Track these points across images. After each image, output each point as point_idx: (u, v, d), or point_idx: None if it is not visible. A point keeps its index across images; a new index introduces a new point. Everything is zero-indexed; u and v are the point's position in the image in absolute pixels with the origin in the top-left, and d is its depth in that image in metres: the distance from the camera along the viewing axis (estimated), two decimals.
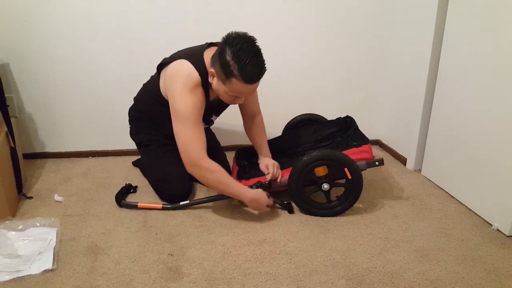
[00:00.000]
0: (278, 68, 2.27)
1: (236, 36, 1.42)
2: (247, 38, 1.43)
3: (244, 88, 1.45)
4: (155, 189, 1.84)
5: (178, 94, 1.50)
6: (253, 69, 1.41)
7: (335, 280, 1.27)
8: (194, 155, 1.50)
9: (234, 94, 1.49)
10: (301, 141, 2.04)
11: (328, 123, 2.02)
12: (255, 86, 1.48)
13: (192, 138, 1.50)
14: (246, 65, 1.39)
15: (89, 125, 2.27)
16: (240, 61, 1.39)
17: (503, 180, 1.52)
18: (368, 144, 1.66)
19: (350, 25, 2.23)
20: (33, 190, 1.88)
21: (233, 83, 1.43)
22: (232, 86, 1.45)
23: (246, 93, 1.51)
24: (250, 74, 1.41)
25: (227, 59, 1.40)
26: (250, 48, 1.41)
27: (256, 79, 1.45)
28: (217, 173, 1.51)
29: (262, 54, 1.45)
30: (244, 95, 1.53)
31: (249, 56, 1.39)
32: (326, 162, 1.57)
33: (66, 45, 2.09)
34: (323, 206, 1.65)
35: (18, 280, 1.26)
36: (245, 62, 1.39)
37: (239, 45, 1.40)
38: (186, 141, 1.51)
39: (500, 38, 1.49)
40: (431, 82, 1.93)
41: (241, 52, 1.39)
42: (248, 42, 1.42)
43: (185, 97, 1.49)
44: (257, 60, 1.42)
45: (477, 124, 1.64)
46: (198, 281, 1.26)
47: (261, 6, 2.13)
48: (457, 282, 1.26)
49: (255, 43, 1.44)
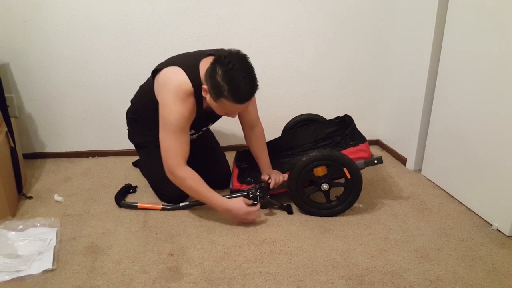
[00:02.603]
0: (278, 68, 2.27)
1: (227, 55, 1.39)
2: (239, 56, 1.40)
3: (235, 107, 1.44)
4: (155, 190, 1.84)
5: (167, 102, 1.50)
6: (243, 90, 1.39)
7: (335, 280, 1.27)
8: (170, 163, 1.52)
9: (225, 111, 1.49)
10: (301, 141, 2.04)
11: (327, 123, 2.02)
12: (247, 105, 1.46)
13: (171, 147, 1.52)
14: (236, 86, 1.37)
15: (89, 125, 2.27)
16: (230, 82, 1.37)
17: (503, 180, 1.52)
18: (366, 142, 1.66)
19: (350, 25, 2.23)
20: (33, 190, 1.88)
21: (224, 103, 1.42)
22: (223, 105, 1.43)
23: (237, 111, 1.51)
24: (240, 95, 1.39)
25: (217, 80, 1.38)
26: (241, 67, 1.39)
27: (247, 99, 1.42)
28: (189, 180, 1.53)
29: (253, 72, 1.42)
30: (235, 113, 1.53)
31: (240, 76, 1.37)
32: (325, 162, 1.57)
33: (66, 45, 2.09)
34: (323, 206, 1.65)
35: (18, 280, 1.26)
36: (235, 83, 1.37)
37: (230, 64, 1.36)
38: (166, 149, 1.52)
39: (500, 38, 1.49)
40: (431, 82, 1.93)
41: (232, 72, 1.37)
42: (239, 61, 1.39)
43: (173, 107, 1.49)
44: (248, 79, 1.39)
45: (477, 124, 1.64)
46: (198, 281, 1.26)
47: (261, 6, 2.13)
48: (457, 282, 1.26)
49: (247, 61, 1.42)
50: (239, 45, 2.16)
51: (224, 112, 1.51)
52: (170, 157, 1.52)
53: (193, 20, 2.12)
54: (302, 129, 2.04)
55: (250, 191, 1.63)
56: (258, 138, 1.83)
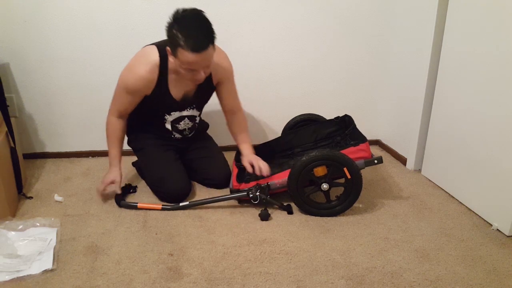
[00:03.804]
0: (278, 68, 2.27)
1: (183, 10, 1.46)
2: (194, 10, 1.47)
3: (193, 57, 1.44)
4: (154, 190, 1.84)
5: (129, 64, 1.64)
6: (198, 37, 1.42)
7: (335, 280, 1.27)
8: (110, 108, 1.73)
9: (187, 66, 1.49)
10: (301, 141, 2.04)
11: (327, 123, 2.02)
12: (205, 56, 1.47)
13: (116, 98, 1.70)
14: (190, 34, 1.42)
15: (89, 125, 2.27)
16: (184, 30, 1.42)
17: (503, 180, 1.52)
18: (366, 142, 1.66)
19: (350, 25, 2.23)
20: (33, 190, 1.88)
21: (181, 53, 1.44)
22: (182, 57, 1.45)
23: (198, 64, 1.48)
24: (194, 41, 1.42)
25: (173, 32, 1.43)
26: (196, 17, 1.45)
27: (203, 47, 1.43)
28: (110, 127, 1.75)
29: (209, 23, 1.47)
30: (197, 67, 1.50)
31: (195, 25, 1.43)
32: (325, 162, 1.57)
33: (66, 45, 2.09)
34: (323, 206, 1.65)
35: (18, 280, 1.26)
36: (190, 32, 1.42)
37: (186, 17, 1.44)
38: (113, 96, 1.71)
39: (500, 38, 1.49)
40: (431, 82, 1.93)
41: (186, 22, 1.43)
42: (194, 12, 1.46)
43: (132, 69, 1.62)
44: (202, 28, 1.45)
45: (477, 124, 1.64)
46: (198, 281, 1.26)
47: (261, 6, 2.13)
48: (457, 282, 1.26)
49: (203, 14, 1.47)
50: (239, 45, 2.19)
51: (188, 71, 1.51)
52: (111, 103, 1.73)
53: None
54: (302, 129, 2.04)
55: (250, 191, 1.63)
56: (239, 122, 1.87)
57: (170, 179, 1.76)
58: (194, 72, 1.52)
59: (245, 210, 1.70)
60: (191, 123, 1.84)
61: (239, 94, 1.86)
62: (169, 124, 1.80)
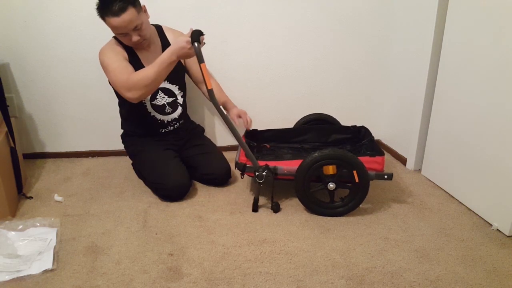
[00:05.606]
0: (278, 68, 2.27)
1: None
2: None
3: (115, 21, 1.58)
4: (154, 188, 1.84)
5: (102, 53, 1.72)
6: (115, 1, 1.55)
7: (335, 280, 1.27)
8: (123, 79, 1.62)
9: (116, 31, 1.65)
10: (312, 138, 2.05)
11: (343, 129, 2.04)
12: (127, 17, 1.58)
13: (117, 72, 1.64)
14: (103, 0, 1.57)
15: (89, 125, 2.27)
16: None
17: (503, 180, 1.52)
18: (383, 156, 1.66)
19: (350, 25, 2.23)
20: (33, 190, 1.88)
21: (107, 21, 1.61)
22: (108, 24, 1.62)
23: (124, 27, 1.61)
24: (112, 6, 1.55)
25: (96, 5, 1.61)
26: None
27: (120, 9, 1.55)
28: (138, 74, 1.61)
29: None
30: (125, 30, 1.63)
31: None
32: (337, 161, 1.57)
33: (66, 45, 2.09)
34: (325, 205, 1.64)
35: (18, 280, 1.26)
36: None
37: None
38: (114, 78, 1.65)
39: (500, 38, 1.49)
40: (431, 82, 1.93)
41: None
42: None
43: (106, 52, 1.72)
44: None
45: (477, 124, 1.64)
46: (198, 281, 1.27)
47: (261, 6, 2.13)
48: (457, 282, 1.26)
49: None
50: (239, 45, 2.18)
51: (122, 36, 1.67)
52: (120, 77, 1.63)
53: (193, 20, 2.12)
54: (317, 127, 2.07)
55: (258, 171, 1.62)
56: (215, 87, 1.95)
57: (170, 174, 1.77)
58: (127, 36, 1.66)
59: (245, 210, 1.70)
60: (170, 99, 1.87)
61: (239, 94, 1.87)
62: (150, 106, 1.84)
